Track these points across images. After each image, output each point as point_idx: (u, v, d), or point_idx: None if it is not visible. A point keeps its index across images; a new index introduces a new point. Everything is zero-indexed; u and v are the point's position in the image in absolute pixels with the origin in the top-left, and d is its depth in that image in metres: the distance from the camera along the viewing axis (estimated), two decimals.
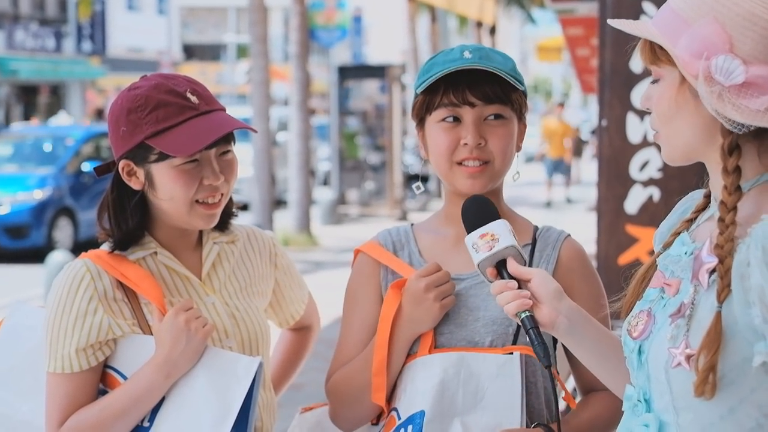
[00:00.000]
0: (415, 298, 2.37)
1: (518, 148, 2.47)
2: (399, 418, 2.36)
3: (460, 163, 2.39)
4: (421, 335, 2.39)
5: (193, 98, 2.42)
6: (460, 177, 2.39)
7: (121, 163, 2.45)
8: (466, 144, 2.37)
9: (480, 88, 2.36)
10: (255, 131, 2.57)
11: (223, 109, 2.49)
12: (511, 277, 2.07)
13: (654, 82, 1.86)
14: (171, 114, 2.39)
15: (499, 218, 2.14)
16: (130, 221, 2.47)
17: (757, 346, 1.69)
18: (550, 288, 2.04)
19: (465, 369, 2.33)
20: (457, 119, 2.39)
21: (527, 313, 2.02)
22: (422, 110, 2.43)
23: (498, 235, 2.10)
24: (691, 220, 1.93)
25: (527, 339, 2.06)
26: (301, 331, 2.91)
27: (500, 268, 2.09)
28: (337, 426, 2.52)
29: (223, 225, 2.60)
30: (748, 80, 1.71)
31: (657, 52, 1.82)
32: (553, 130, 23.83)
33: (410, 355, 2.40)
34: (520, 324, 2.04)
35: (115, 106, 2.45)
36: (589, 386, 2.45)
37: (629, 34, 1.86)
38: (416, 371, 2.37)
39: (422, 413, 2.32)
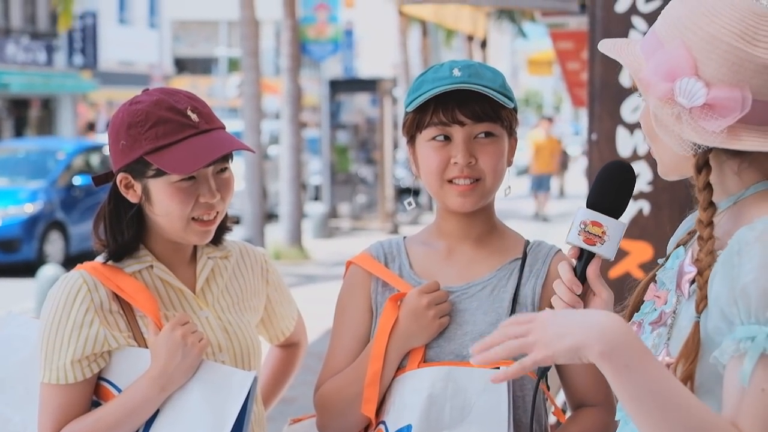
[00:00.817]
0: (414, 313, 2.38)
1: (509, 163, 2.48)
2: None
3: (450, 181, 2.40)
4: (411, 349, 2.41)
5: (194, 116, 2.43)
6: (451, 195, 2.41)
7: (120, 176, 2.47)
8: (456, 163, 2.38)
9: (469, 107, 2.37)
10: (253, 152, 2.59)
11: (223, 127, 2.50)
12: (583, 275, 1.98)
13: (643, 99, 1.90)
14: (170, 131, 2.40)
15: (621, 214, 2.01)
16: (125, 233, 2.49)
17: (715, 351, 1.72)
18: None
19: (452, 383, 2.34)
20: (447, 138, 2.40)
21: None
22: (413, 128, 2.44)
23: (609, 237, 1.97)
24: (692, 233, 1.96)
25: None
26: (290, 348, 2.92)
27: (584, 256, 1.98)
28: None
29: (216, 239, 2.61)
30: (708, 102, 1.74)
31: None
32: (540, 145, 23.68)
33: (400, 368, 2.42)
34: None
35: (116, 120, 2.47)
36: (579, 401, 2.45)
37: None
38: (405, 385, 2.39)
39: (409, 427, 2.33)
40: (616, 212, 1.98)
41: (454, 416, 2.33)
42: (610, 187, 2.00)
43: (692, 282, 1.79)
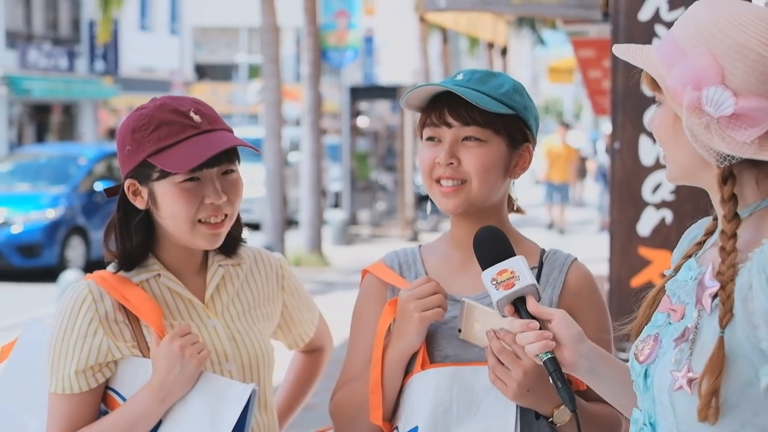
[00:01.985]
0: (399, 311, 2.38)
1: (514, 175, 2.46)
2: None
3: (438, 182, 2.41)
4: (418, 352, 2.39)
5: (196, 117, 2.45)
6: (437, 196, 2.42)
7: (127, 183, 2.49)
8: (439, 163, 2.39)
9: (457, 110, 2.38)
10: (257, 151, 2.58)
11: (229, 130, 2.50)
12: (530, 316, 2.07)
13: (658, 105, 1.88)
14: (172, 132, 2.42)
15: (514, 253, 2.16)
16: (134, 239, 2.49)
17: (763, 368, 1.70)
18: (572, 331, 2.04)
19: (458, 383, 2.33)
20: (440, 139, 2.42)
21: (549, 355, 2.02)
22: (420, 128, 2.48)
23: (518, 272, 2.10)
24: (701, 243, 1.94)
25: None
26: (314, 353, 2.91)
27: (518, 305, 2.09)
28: None
29: (230, 250, 2.61)
30: (737, 112, 1.72)
31: (657, 80, 1.84)
32: (556, 153, 22.59)
33: (407, 373, 2.40)
34: (541, 364, 2.05)
35: (123, 127, 2.49)
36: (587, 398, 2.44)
37: None
38: (412, 388, 2.38)
39: (415, 429, 2.33)
40: (505, 256, 2.15)
41: (461, 416, 2.32)
42: (486, 245, 2.19)
43: (714, 296, 1.77)
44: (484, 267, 2.15)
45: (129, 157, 2.45)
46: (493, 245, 2.18)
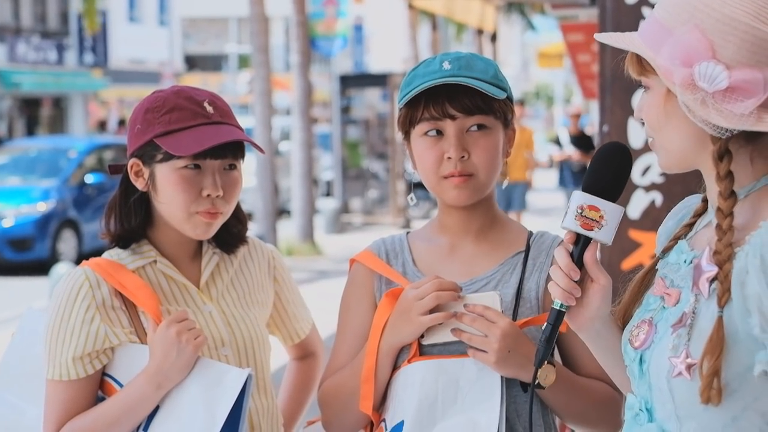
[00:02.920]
0: (400, 308, 2.36)
1: (507, 154, 2.46)
2: (386, 429, 2.37)
3: (446, 177, 2.39)
4: (410, 345, 2.38)
5: (209, 108, 2.48)
6: (448, 189, 2.39)
7: (131, 162, 2.51)
8: (449, 158, 2.36)
9: (460, 101, 2.35)
10: (263, 151, 2.60)
11: (239, 128, 2.52)
12: (580, 261, 1.92)
13: (645, 91, 1.87)
14: (183, 117, 2.45)
15: (619, 197, 1.94)
16: (133, 219, 2.51)
17: (757, 355, 1.70)
18: (605, 305, 1.94)
19: (444, 376, 2.32)
20: (440, 132, 2.38)
21: (563, 308, 1.93)
22: (406, 123, 2.43)
23: (607, 222, 1.90)
24: (690, 225, 1.93)
25: None
26: (306, 359, 2.91)
27: (578, 241, 1.93)
28: None
29: (230, 248, 2.62)
30: (731, 85, 1.71)
31: (643, 63, 1.83)
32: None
33: (397, 366, 2.40)
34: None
35: (138, 107, 2.53)
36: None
37: None
38: (399, 381, 2.37)
39: (401, 423, 2.32)
40: (613, 196, 1.92)
41: (446, 408, 2.31)
42: (607, 171, 1.94)
43: (712, 281, 1.76)
44: (585, 187, 1.93)
45: (137, 136, 2.49)
46: (614, 177, 1.94)
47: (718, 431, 1.75)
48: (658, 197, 4.06)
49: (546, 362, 2.03)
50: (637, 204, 4.09)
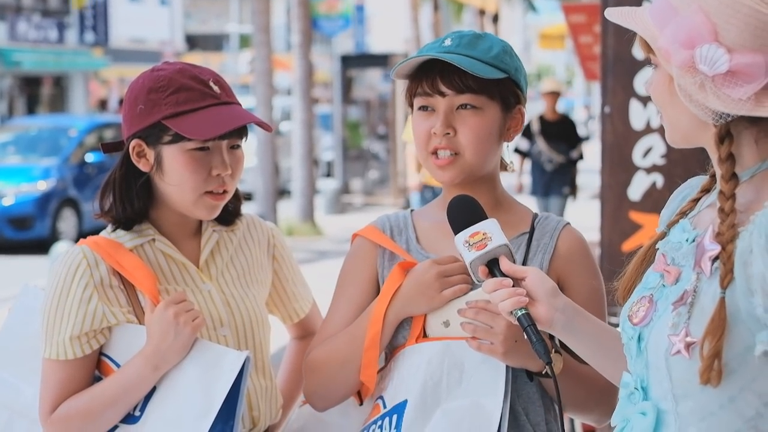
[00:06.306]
0: (420, 280, 2.34)
1: (508, 138, 2.44)
2: (384, 407, 2.35)
3: (434, 154, 2.38)
4: (412, 324, 2.38)
5: (216, 87, 2.44)
6: (433, 168, 2.40)
7: (133, 143, 2.46)
8: (435, 133, 2.36)
9: (450, 78, 2.34)
10: (270, 130, 2.58)
11: (240, 105, 2.50)
12: (502, 275, 2.07)
13: (654, 68, 1.86)
14: (192, 98, 2.41)
15: (487, 217, 2.15)
16: (136, 202, 2.48)
17: (759, 335, 1.69)
18: (546, 286, 2.04)
19: (449, 358, 2.31)
20: (433, 109, 2.38)
21: (523, 311, 2.02)
22: (409, 97, 2.44)
23: (490, 233, 2.10)
24: (696, 200, 1.92)
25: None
26: (307, 339, 2.87)
27: (492, 267, 2.09)
28: (311, 404, 2.51)
29: (227, 222, 2.61)
30: (732, 69, 1.70)
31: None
32: None
33: (399, 345, 2.39)
34: (516, 323, 2.05)
35: (136, 85, 2.46)
36: None
37: None
38: (404, 361, 2.36)
39: (405, 402, 2.31)
40: (478, 220, 2.15)
41: (451, 390, 2.30)
42: (458, 211, 2.18)
43: (715, 259, 1.74)
44: (456, 232, 2.15)
45: (140, 117, 2.43)
46: (464, 210, 2.17)
47: (715, 411, 1.74)
48: (659, 179, 4.06)
49: (554, 350, 2.09)
50: (638, 186, 4.09)
